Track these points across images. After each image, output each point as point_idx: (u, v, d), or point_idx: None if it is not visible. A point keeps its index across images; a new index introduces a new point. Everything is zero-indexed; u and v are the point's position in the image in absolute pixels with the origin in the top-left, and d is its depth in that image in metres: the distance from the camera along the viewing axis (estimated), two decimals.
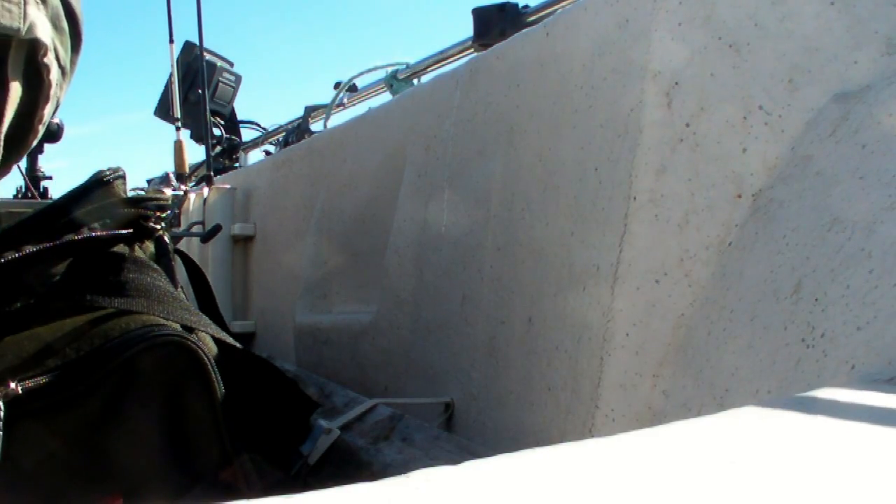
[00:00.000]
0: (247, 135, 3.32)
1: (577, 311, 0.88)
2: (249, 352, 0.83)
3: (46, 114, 0.67)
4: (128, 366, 0.66)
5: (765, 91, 0.77)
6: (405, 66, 2.32)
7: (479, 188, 1.15)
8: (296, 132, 2.77)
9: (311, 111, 2.74)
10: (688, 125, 0.79)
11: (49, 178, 3.40)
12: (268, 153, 3.11)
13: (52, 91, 0.66)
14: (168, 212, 0.81)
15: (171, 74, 2.60)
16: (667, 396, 0.77)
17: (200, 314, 0.78)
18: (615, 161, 0.85)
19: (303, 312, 1.72)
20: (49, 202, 0.80)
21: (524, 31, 1.13)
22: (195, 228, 2.15)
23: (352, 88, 2.58)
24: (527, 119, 1.05)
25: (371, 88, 2.53)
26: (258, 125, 3.31)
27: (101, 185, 0.77)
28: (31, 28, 0.60)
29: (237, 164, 3.23)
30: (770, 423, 0.37)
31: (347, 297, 1.65)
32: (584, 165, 0.91)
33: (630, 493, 0.28)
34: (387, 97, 2.36)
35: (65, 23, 0.65)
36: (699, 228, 0.78)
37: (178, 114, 2.58)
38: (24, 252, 0.68)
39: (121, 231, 0.76)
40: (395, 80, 2.32)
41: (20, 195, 3.13)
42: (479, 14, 1.79)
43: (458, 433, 1.12)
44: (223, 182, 2.32)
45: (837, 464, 0.31)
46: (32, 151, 3.37)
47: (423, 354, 1.26)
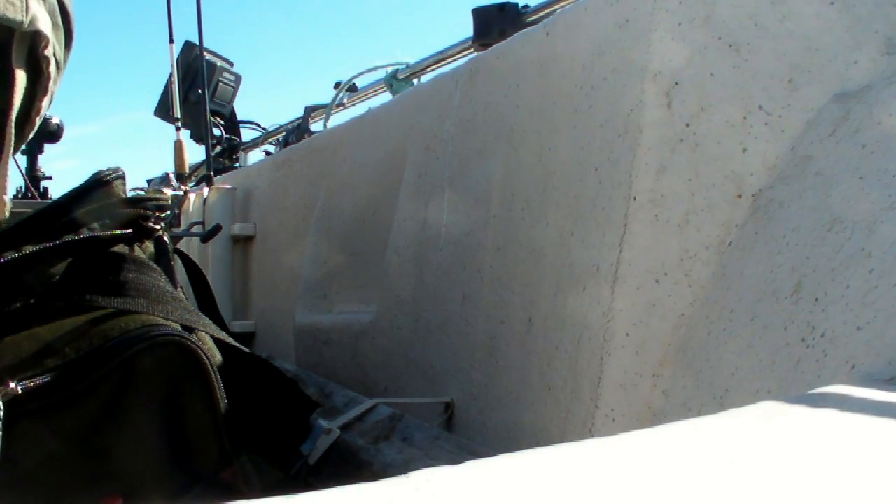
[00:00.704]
0: (247, 135, 3.32)
1: (578, 311, 0.88)
2: (249, 352, 0.83)
3: (44, 107, 0.67)
4: (127, 366, 0.66)
5: (765, 91, 0.77)
6: (405, 66, 2.32)
7: (479, 188, 1.15)
8: (296, 132, 2.77)
9: (311, 111, 2.74)
10: (688, 125, 0.79)
11: (49, 178, 3.40)
12: (268, 153, 3.11)
13: (50, 84, 0.66)
14: (168, 212, 0.81)
15: (171, 74, 2.60)
16: (667, 396, 0.77)
17: (200, 314, 0.78)
18: (615, 161, 0.85)
19: (303, 312, 1.72)
20: (49, 202, 0.80)
21: (524, 31, 1.13)
22: (195, 228, 2.15)
23: (352, 88, 2.58)
24: (527, 119, 1.05)
25: (371, 88, 2.53)
26: (258, 125, 3.31)
27: (101, 185, 0.77)
28: (34, 20, 0.60)
29: (237, 164, 3.23)
30: (770, 423, 0.37)
31: (347, 297, 1.65)
32: (584, 165, 0.91)
33: (630, 493, 0.27)
34: (387, 97, 2.36)
35: (59, 18, 0.66)
36: (699, 228, 0.78)
37: (178, 114, 2.58)
38: (24, 252, 0.68)
39: (120, 231, 0.76)
40: (395, 80, 2.32)
41: (20, 195, 3.13)
42: (479, 14, 1.79)
43: (459, 433, 1.12)
44: (223, 182, 2.32)
45: (838, 463, 0.31)
46: (33, 151, 3.37)
47: (424, 354, 1.25)
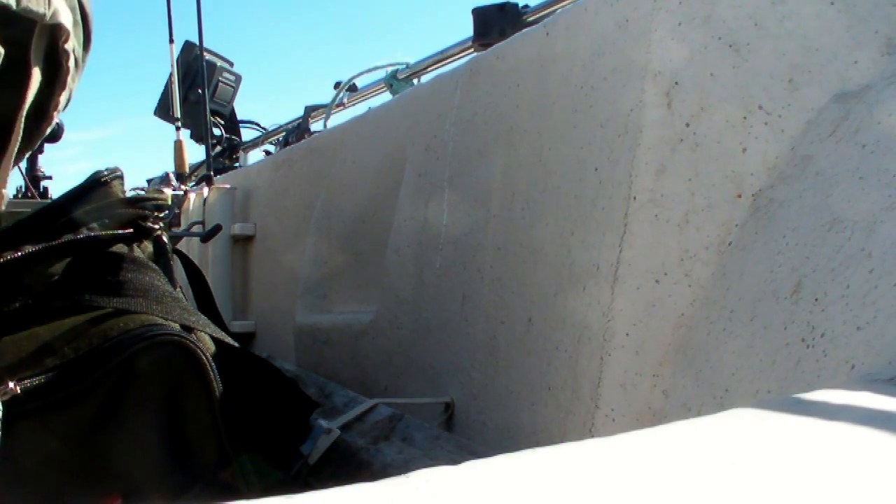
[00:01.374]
0: (247, 135, 3.32)
1: (578, 311, 0.88)
2: (249, 352, 0.83)
3: (61, 102, 0.67)
4: (126, 365, 0.66)
5: (765, 91, 0.77)
6: (405, 66, 2.32)
7: (479, 188, 1.15)
8: (296, 132, 2.77)
9: (311, 111, 2.74)
10: (688, 125, 0.79)
11: (49, 178, 3.40)
12: (268, 153, 3.11)
13: (68, 80, 0.66)
14: (166, 212, 0.81)
15: (171, 74, 2.60)
16: (667, 396, 0.77)
17: (199, 314, 0.78)
18: (615, 161, 0.85)
19: (303, 312, 1.72)
20: (48, 202, 0.80)
21: (524, 31, 1.13)
22: (195, 228, 2.14)
23: (352, 88, 2.58)
24: (527, 119, 1.05)
25: (371, 88, 2.53)
26: (258, 125, 3.31)
27: (100, 186, 0.77)
28: (55, 14, 0.60)
29: (237, 164, 3.23)
30: (770, 423, 0.37)
31: (347, 297, 1.65)
32: (584, 165, 0.91)
33: (630, 494, 0.27)
34: (387, 97, 2.36)
35: (79, 17, 0.66)
36: (699, 228, 0.78)
37: (178, 114, 2.58)
38: (24, 252, 0.68)
39: (119, 231, 0.76)
40: (395, 80, 2.32)
41: (20, 195, 3.13)
42: (479, 14, 1.79)
43: (458, 433, 1.12)
44: (223, 182, 2.32)
45: (837, 464, 0.31)
46: (32, 151, 3.37)
47: (424, 354, 1.25)
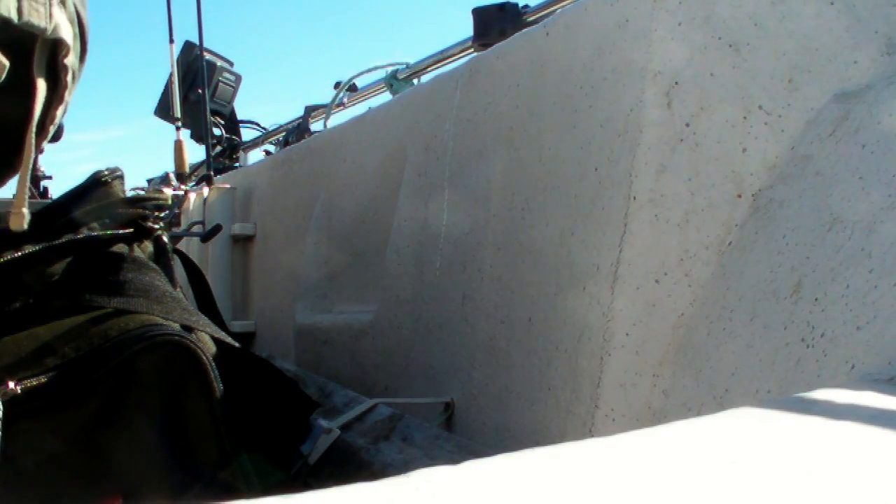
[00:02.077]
0: (247, 134, 3.32)
1: (578, 311, 0.88)
2: (249, 352, 0.83)
3: (58, 115, 0.67)
4: (127, 365, 0.66)
5: (765, 91, 0.77)
6: (405, 66, 2.32)
7: (479, 188, 1.15)
8: (296, 132, 2.77)
9: (311, 111, 2.74)
10: (688, 125, 0.79)
11: (49, 178, 3.39)
12: (268, 153, 3.11)
13: (66, 93, 0.66)
14: (167, 212, 0.81)
15: (172, 74, 2.60)
16: (667, 396, 0.77)
17: (199, 314, 0.78)
18: (615, 161, 0.85)
19: (303, 312, 1.72)
20: (49, 202, 0.80)
21: (524, 31, 1.13)
22: (195, 228, 2.15)
23: (352, 88, 2.58)
24: (527, 119, 1.05)
25: (371, 88, 2.53)
26: (258, 125, 3.31)
27: (100, 185, 0.77)
28: (56, 28, 0.60)
29: (237, 164, 3.23)
30: (770, 423, 0.37)
31: (347, 297, 1.65)
32: (584, 165, 0.91)
33: (630, 493, 0.27)
34: (387, 97, 2.36)
35: (77, 29, 0.65)
36: (699, 228, 0.78)
37: (178, 113, 2.58)
38: (24, 252, 0.68)
39: (120, 231, 0.76)
40: (395, 80, 2.32)
41: None
42: (479, 14, 1.79)
43: (458, 433, 1.12)
44: (223, 182, 2.32)
45: (837, 464, 0.31)
46: None
47: (424, 354, 1.25)
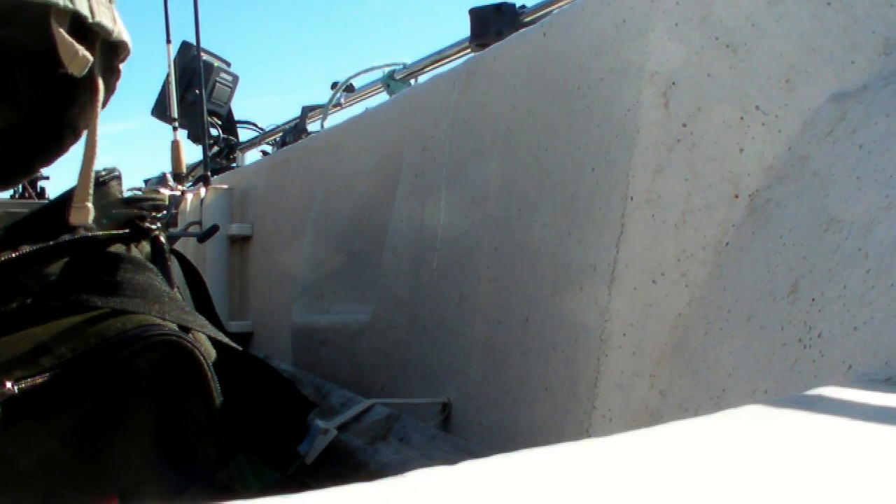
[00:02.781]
0: (244, 135, 3.32)
1: (574, 312, 0.88)
2: (246, 352, 0.83)
3: (95, 118, 0.66)
4: (124, 366, 0.66)
5: (762, 91, 0.77)
6: (402, 67, 2.32)
7: (476, 188, 1.15)
8: (293, 132, 2.77)
9: (308, 111, 2.74)
10: (685, 125, 0.79)
11: (46, 179, 3.39)
12: (265, 153, 3.11)
13: (111, 96, 0.66)
14: (164, 212, 0.81)
15: (169, 74, 2.60)
16: (664, 396, 0.77)
17: (196, 314, 0.78)
18: (612, 161, 0.85)
19: (300, 312, 1.71)
20: (45, 202, 0.80)
21: (521, 32, 1.13)
22: (192, 228, 2.14)
23: (349, 88, 2.58)
24: (524, 119, 1.05)
25: (368, 88, 2.53)
26: (255, 125, 3.31)
27: (97, 186, 0.77)
28: (120, 32, 0.60)
29: (234, 165, 3.23)
30: (767, 424, 0.37)
31: (344, 298, 1.65)
32: (581, 166, 0.91)
33: (627, 494, 0.27)
34: (384, 97, 2.36)
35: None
36: (696, 229, 0.78)
37: (176, 114, 2.57)
38: (21, 252, 0.68)
39: (117, 231, 0.76)
40: (392, 81, 2.32)
41: (17, 195, 3.12)
42: (476, 14, 1.79)
43: (455, 433, 1.12)
44: (220, 182, 2.31)
45: (835, 464, 0.31)
46: None
47: (420, 354, 1.25)
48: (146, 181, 3.24)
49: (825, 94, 0.74)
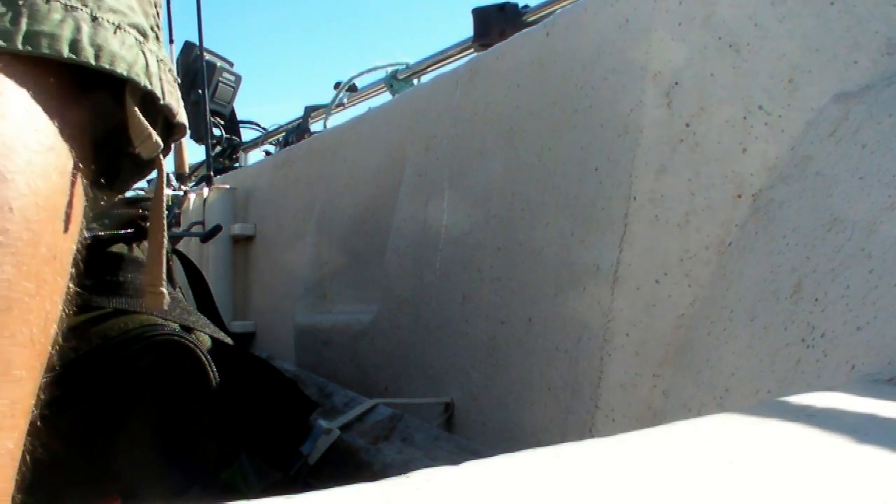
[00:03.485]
0: (247, 135, 3.32)
1: (577, 311, 0.88)
2: (248, 352, 0.83)
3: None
4: (126, 365, 0.66)
5: (765, 91, 0.77)
6: (405, 67, 2.32)
7: (479, 188, 1.14)
8: (296, 132, 2.77)
9: (311, 111, 2.74)
10: (688, 125, 0.79)
11: None
12: (268, 153, 3.11)
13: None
14: (166, 212, 0.81)
15: None
16: (667, 396, 0.77)
17: (199, 314, 0.78)
18: (615, 161, 0.85)
19: (303, 313, 1.72)
20: None
21: (524, 32, 1.13)
22: (195, 228, 2.15)
23: (352, 88, 2.58)
24: (527, 119, 1.05)
25: (371, 88, 2.53)
26: (258, 125, 3.31)
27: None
28: (182, 114, 0.59)
29: (237, 165, 3.23)
30: (769, 424, 0.37)
31: (347, 298, 1.65)
32: (584, 165, 0.91)
33: (630, 494, 0.27)
34: (387, 97, 2.36)
35: None
36: (699, 228, 0.78)
37: None
38: None
39: (120, 231, 0.76)
40: (395, 81, 2.32)
41: None
42: (479, 14, 1.79)
43: (458, 433, 1.12)
44: (223, 182, 2.32)
45: (837, 464, 0.31)
46: None
47: (423, 354, 1.25)
48: (149, 181, 3.24)
49: (828, 94, 0.74)
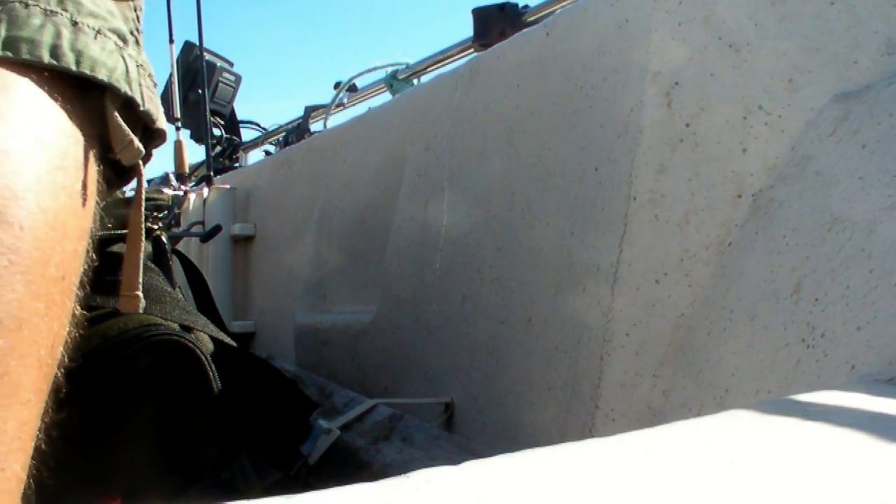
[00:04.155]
0: (247, 135, 3.32)
1: (577, 311, 0.88)
2: (248, 352, 0.83)
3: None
4: (125, 365, 0.66)
5: (765, 91, 0.77)
6: (405, 67, 2.32)
7: (479, 188, 1.14)
8: (296, 132, 2.77)
9: (311, 111, 2.74)
10: (688, 125, 0.79)
11: None
12: (268, 153, 3.11)
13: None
14: (166, 212, 0.81)
15: (171, 75, 2.60)
16: (667, 396, 0.77)
17: (198, 314, 0.78)
18: (615, 161, 0.85)
19: (303, 312, 1.72)
20: None
21: (524, 31, 1.13)
22: (195, 228, 2.15)
23: (352, 88, 2.58)
24: (527, 119, 1.05)
25: (371, 88, 2.53)
26: (258, 125, 3.31)
27: None
28: (162, 120, 0.58)
29: (237, 164, 3.23)
30: (770, 424, 0.37)
31: (347, 298, 1.65)
32: (584, 165, 0.91)
33: (630, 494, 0.27)
34: (387, 97, 2.37)
35: None
36: (699, 228, 0.78)
37: (178, 114, 2.58)
38: None
39: (119, 231, 0.76)
40: (395, 80, 2.32)
41: None
42: (479, 14, 1.79)
43: (458, 433, 1.12)
44: (223, 182, 2.32)
45: (837, 464, 0.31)
46: None
47: (423, 354, 1.25)
48: (149, 181, 3.24)
49: (828, 94, 0.74)
